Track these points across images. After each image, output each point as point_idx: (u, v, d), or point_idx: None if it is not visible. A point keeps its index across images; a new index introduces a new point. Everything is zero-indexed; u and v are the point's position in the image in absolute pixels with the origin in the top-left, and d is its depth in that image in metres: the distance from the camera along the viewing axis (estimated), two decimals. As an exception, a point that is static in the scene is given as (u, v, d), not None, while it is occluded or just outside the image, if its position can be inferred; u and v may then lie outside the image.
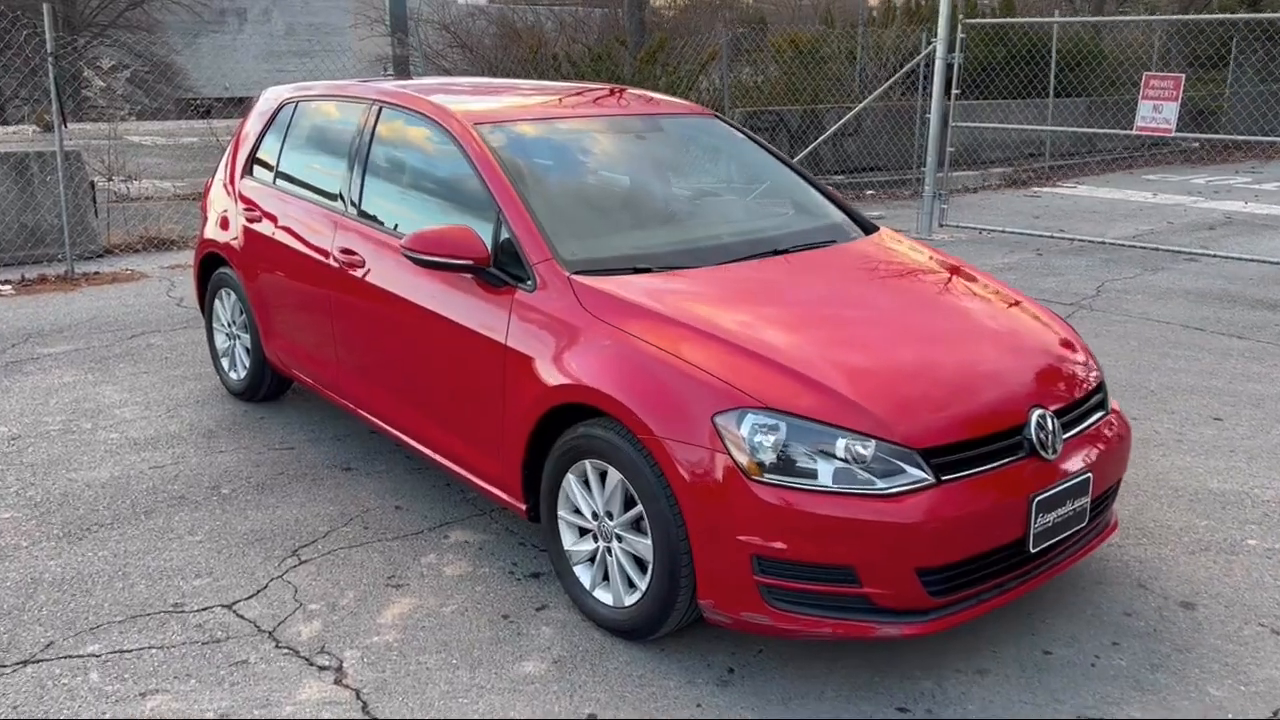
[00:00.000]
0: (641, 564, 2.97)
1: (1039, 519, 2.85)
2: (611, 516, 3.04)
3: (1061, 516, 2.93)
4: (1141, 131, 8.75)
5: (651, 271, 3.35)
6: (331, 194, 4.29)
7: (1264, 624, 3.19)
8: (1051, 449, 2.91)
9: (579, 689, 2.87)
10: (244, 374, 5.04)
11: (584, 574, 3.18)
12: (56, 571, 3.50)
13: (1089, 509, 3.05)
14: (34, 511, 3.95)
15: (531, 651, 3.04)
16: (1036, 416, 2.91)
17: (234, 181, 5.00)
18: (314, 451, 4.53)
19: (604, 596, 3.11)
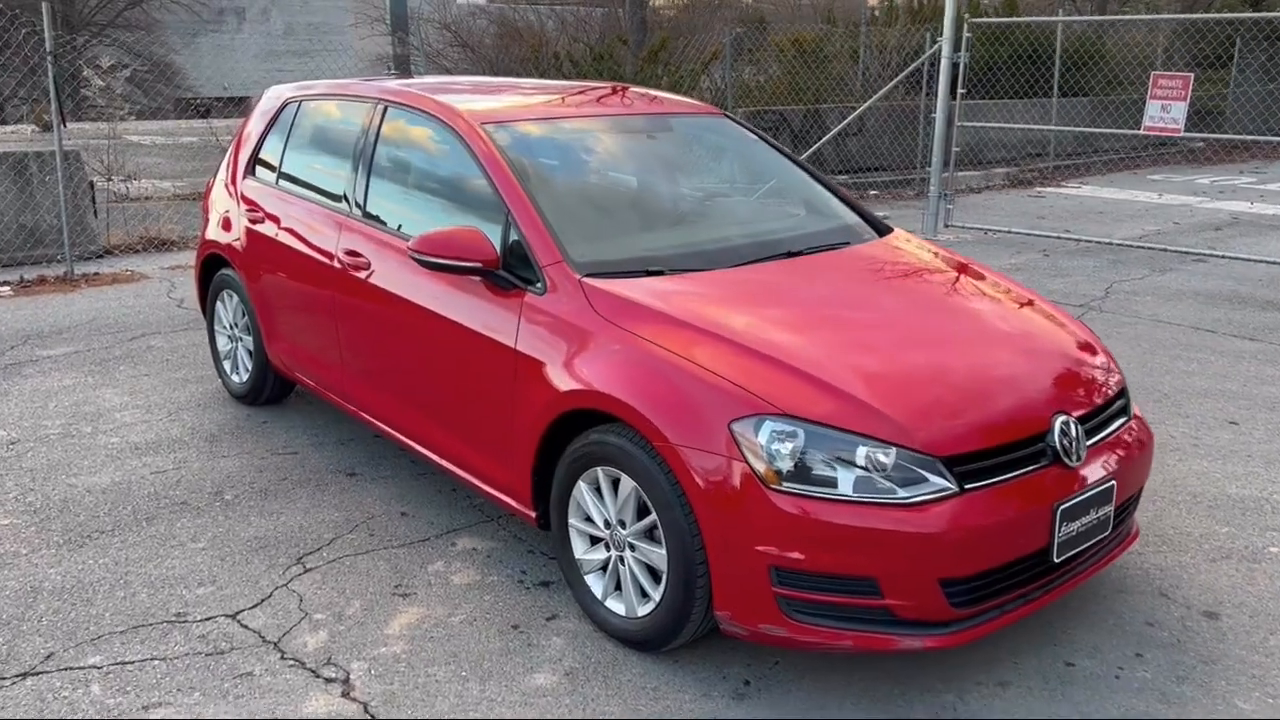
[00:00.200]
0: (655, 573, 2.91)
1: (1063, 528, 2.79)
2: (624, 525, 2.97)
3: (1085, 525, 2.86)
4: (1150, 131, 8.69)
5: (663, 274, 3.28)
6: (335, 195, 4.22)
7: (1290, 634, 3.13)
8: (1075, 456, 2.85)
9: (591, 702, 2.80)
10: (246, 377, 4.97)
11: (595, 583, 3.11)
12: (57, 580, 3.43)
13: (1112, 517, 2.99)
14: (33, 518, 3.88)
15: (543, 663, 2.97)
16: (1060, 423, 2.85)
17: (236, 182, 4.93)
18: (318, 456, 4.46)
19: (616, 606, 3.04)
